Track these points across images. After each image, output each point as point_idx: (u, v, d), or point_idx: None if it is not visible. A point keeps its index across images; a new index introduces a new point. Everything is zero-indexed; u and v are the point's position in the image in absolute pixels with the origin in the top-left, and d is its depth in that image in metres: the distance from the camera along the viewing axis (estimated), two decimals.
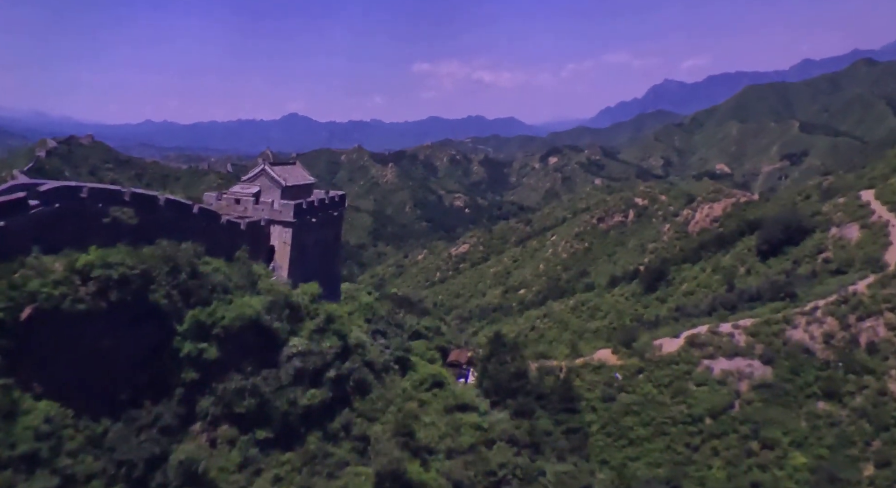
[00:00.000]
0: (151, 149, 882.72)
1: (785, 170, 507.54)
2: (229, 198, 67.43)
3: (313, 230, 69.36)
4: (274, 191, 68.63)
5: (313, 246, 69.89)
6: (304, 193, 73.71)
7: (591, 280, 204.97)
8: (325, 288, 63.70)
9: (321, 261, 72.10)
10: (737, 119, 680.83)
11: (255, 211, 65.49)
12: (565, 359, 77.63)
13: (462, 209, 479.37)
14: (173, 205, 52.05)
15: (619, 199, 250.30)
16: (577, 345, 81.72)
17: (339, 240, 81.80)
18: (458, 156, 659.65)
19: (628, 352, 77.36)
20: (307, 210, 67.51)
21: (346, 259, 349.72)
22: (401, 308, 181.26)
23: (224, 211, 64.51)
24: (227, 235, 57.47)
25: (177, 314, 46.81)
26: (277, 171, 70.12)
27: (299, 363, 50.35)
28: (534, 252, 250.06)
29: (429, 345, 70.44)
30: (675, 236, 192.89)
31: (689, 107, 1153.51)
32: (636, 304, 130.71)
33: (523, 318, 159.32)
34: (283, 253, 64.73)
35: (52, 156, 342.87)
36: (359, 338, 56.58)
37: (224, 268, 52.42)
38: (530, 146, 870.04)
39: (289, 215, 64.27)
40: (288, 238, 64.54)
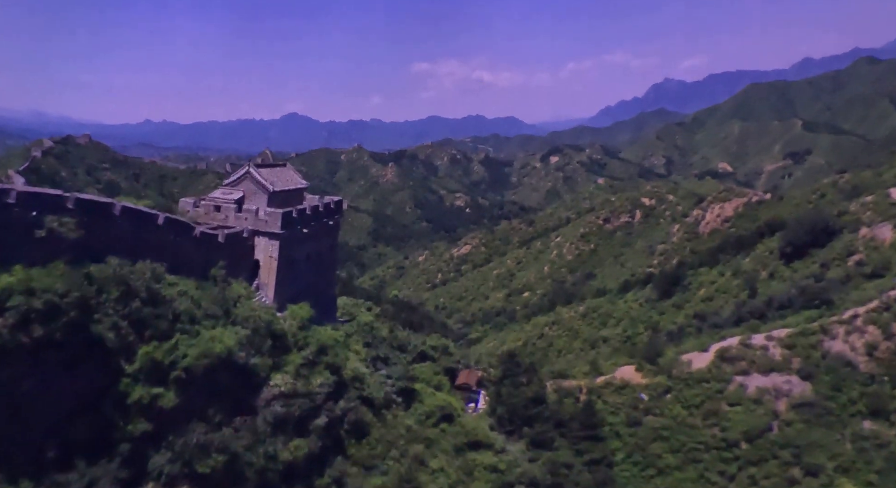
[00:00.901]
0: (150, 149, 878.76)
1: (788, 168, 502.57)
2: (208, 204, 59.75)
3: (305, 242, 62.10)
4: (260, 196, 61.11)
5: (305, 260, 62.74)
6: (295, 199, 66.50)
7: (597, 283, 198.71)
8: (318, 308, 56.95)
9: (314, 277, 64.77)
10: (738, 118, 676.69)
11: (237, 220, 58.23)
12: (585, 379, 70.45)
13: (463, 209, 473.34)
14: (131, 215, 42.58)
15: (624, 199, 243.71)
16: (597, 361, 73.93)
17: (336, 252, 74.15)
18: (459, 156, 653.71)
19: (653, 368, 70.15)
20: (298, 219, 60.05)
21: (346, 260, 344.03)
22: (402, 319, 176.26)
23: (202, 219, 57.58)
24: (201, 250, 49.20)
25: (126, 351, 37.36)
26: (264, 174, 62.53)
27: (281, 408, 42.40)
28: (538, 253, 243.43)
29: (435, 367, 63.05)
30: (685, 237, 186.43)
31: (690, 106, 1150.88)
32: (650, 311, 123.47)
33: (530, 325, 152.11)
34: (269, 269, 57.28)
35: (47, 157, 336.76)
36: (356, 369, 49.07)
37: (193, 292, 43.46)
38: (531, 145, 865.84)
39: (276, 225, 56.76)
40: (275, 252, 57.17)
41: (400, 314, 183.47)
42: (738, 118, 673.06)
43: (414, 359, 62.49)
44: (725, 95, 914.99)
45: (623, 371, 71.68)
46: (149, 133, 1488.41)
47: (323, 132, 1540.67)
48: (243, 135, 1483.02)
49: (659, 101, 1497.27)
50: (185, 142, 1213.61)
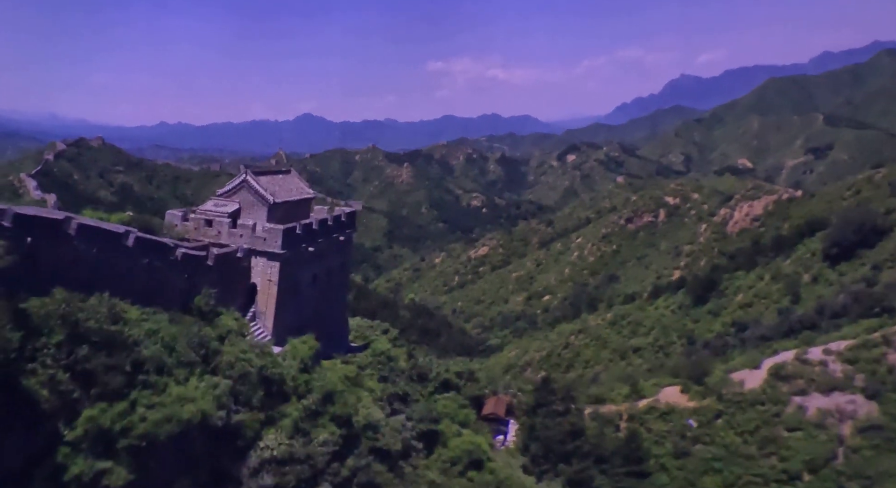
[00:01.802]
0: (165, 151, 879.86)
1: (810, 164, 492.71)
2: (198, 218, 52.39)
3: (311, 262, 54.80)
4: (258, 209, 53.69)
5: (311, 283, 55.43)
6: (300, 211, 59.04)
7: (621, 286, 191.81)
8: (326, 337, 50.27)
9: (321, 302, 57.32)
10: (758, 113, 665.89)
11: (231, 236, 50.82)
12: (625, 403, 63.41)
13: (479, 209, 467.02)
14: (91, 235, 33.40)
15: (647, 198, 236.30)
16: (637, 382, 66.47)
17: (348, 271, 66.60)
18: (475, 155, 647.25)
19: (701, 389, 62.97)
20: (303, 235, 52.59)
21: (362, 262, 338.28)
22: (420, 326, 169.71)
23: (192, 235, 50.77)
24: (183, 275, 41.14)
25: (67, 412, 28.31)
26: (263, 183, 54.79)
27: (273, 478, 33.71)
28: (558, 255, 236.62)
29: (460, 398, 56.11)
30: (712, 237, 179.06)
31: (707, 102, 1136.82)
32: (684, 318, 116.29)
33: (555, 333, 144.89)
34: (268, 295, 49.93)
35: (60, 160, 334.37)
36: (369, 416, 40.67)
37: (165, 331, 34.21)
38: (546, 144, 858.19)
39: (276, 244, 49.39)
40: (275, 274, 49.74)
41: (417, 320, 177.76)
42: (758, 113, 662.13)
43: (436, 389, 55.59)
44: (742, 91, 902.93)
45: (667, 393, 64.29)
46: (164, 135, 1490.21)
47: (337, 132, 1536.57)
48: (258, 137, 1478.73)
49: (675, 97, 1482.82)
50: (200, 143, 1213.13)
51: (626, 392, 65.66)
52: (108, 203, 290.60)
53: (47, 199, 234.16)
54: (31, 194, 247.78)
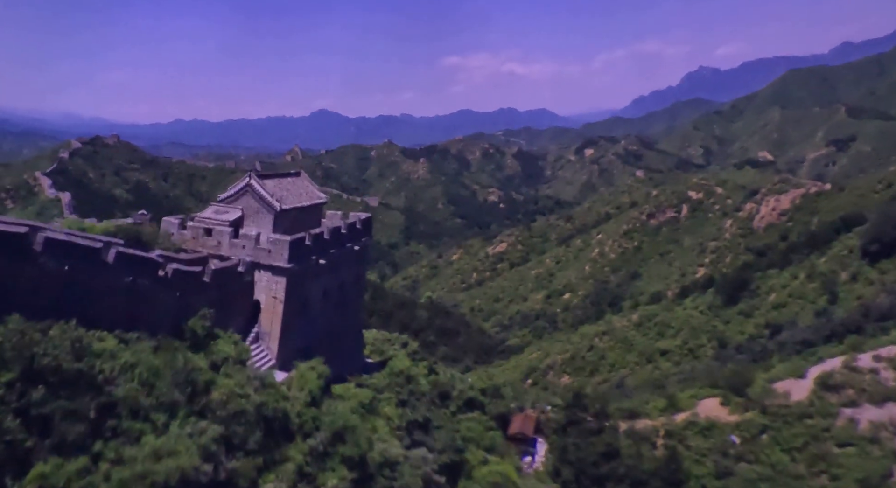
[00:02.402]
0: (181, 148, 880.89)
1: (832, 156, 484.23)
2: (196, 227, 47.44)
3: (322, 275, 49.99)
4: (263, 216, 48.69)
5: (322, 298, 50.63)
6: (311, 218, 54.24)
7: (643, 283, 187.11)
8: (339, 356, 46.43)
9: (334, 319, 52.49)
10: (778, 105, 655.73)
11: (232, 247, 46.13)
12: (661, 417, 58.72)
13: (497, 204, 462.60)
14: (61, 250, 27.82)
15: (669, 193, 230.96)
16: (674, 395, 61.55)
17: (363, 283, 61.51)
18: (491, 150, 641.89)
19: (742, 401, 58.24)
20: (313, 246, 47.90)
21: (378, 260, 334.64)
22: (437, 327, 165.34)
23: (189, 245, 46.19)
24: (174, 294, 36.11)
25: (15, 466, 22.21)
26: (269, 187, 49.75)
27: None
28: (578, 252, 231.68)
29: (485, 419, 51.53)
30: (738, 233, 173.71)
31: (726, 94, 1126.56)
32: (714, 320, 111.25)
33: (578, 335, 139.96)
34: (273, 313, 45.10)
35: (75, 158, 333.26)
36: (385, 452, 34.92)
37: (146, 363, 28.18)
38: (564, 138, 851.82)
39: (282, 257, 44.72)
40: (280, 291, 45.01)
41: (435, 320, 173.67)
42: (778, 105, 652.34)
43: (459, 408, 51.18)
44: (762, 83, 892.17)
45: (706, 406, 59.44)
46: (180, 132, 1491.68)
47: (352, 128, 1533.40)
48: (273, 133, 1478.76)
49: (693, 89, 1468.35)
50: (215, 140, 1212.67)
51: (662, 405, 60.85)
52: (123, 201, 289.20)
53: (62, 198, 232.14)
54: (46, 193, 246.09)
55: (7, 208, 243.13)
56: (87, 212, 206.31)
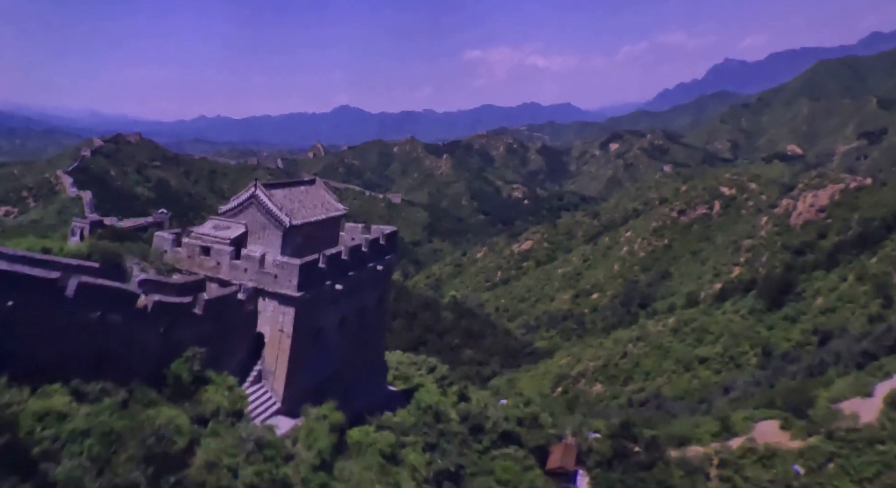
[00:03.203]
0: (204, 145, 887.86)
1: (863, 149, 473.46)
2: (192, 244, 41.55)
3: (339, 302, 43.41)
4: (270, 233, 42.50)
5: (338, 328, 44.21)
6: (326, 234, 47.88)
7: (674, 283, 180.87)
8: (357, 393, 41.33)
9: (351, 350, 46.12)
10: (807, 97, 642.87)
11: (232, 270, 39.94)
12: (714, 442, 52.87)
13: (521, 200, 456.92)
14: (6, 282, 22.29)
15: (701, 189, 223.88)
16: (728, 419, 55.31)
17: (386, 306, 53.97)
18: (515, 145, 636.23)
19: (803, 424, 52.23)
20: (328, 270, 41.27)
21: (401, 258, 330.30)
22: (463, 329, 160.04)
23: (184, 265, 40.63)
24: (157, 329, 30.56)
25: None
26: (278, 199, 43.37)
27: None
28: (606, 250, 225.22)
29: (523, 454, 45.79)
30: (774, 231, 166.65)
31: (752, 86, 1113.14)
32: (756, 325, 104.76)
33: (610, 340, 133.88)
34: (279, 349, 38.88)
35: (97, 156, 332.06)
36: None
37: (100, 430, 21.88)
38: (588, 132, 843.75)
39: (291, 283, 38.33)
40: (288, 323, 38.68)
41: (460, 322, 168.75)
42: (807, 97, 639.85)
43: (493, 443, 45.83)
44: (789, 74, 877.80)
45: (763, 429, 53.18)
46: (203, 128, 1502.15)
47: (375, 124, 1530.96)
48: (296, 129, 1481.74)
49: (719, 82, 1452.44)
50: (238, 136, 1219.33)
51: (715, 428, 54.75)
52: (144, 199, 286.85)
53: (83, 196, 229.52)
54: (67, 191, 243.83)
55: (29, 207, 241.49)
56: (109, 211, 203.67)
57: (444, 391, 52.72)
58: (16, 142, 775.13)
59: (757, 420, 55.26)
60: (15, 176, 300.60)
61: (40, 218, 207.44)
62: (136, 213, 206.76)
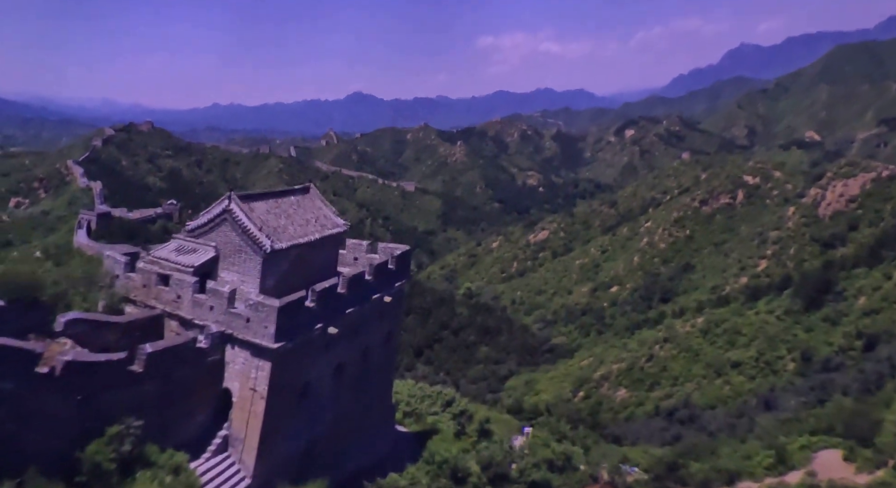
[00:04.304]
0: (218, 133, 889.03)
1: (884, 136, 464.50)
2: (148, 270, 33.72)
3: (335, 347, 35.26)
4: (247, 259, 34.07)
5: (332, 378, 36.18)
6: (321, 257, 39.43)
7: (696, 276, 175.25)
8: (356, 447, 35.23)
9: (350, 400, 38.29)
10: (825, 82, 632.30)
11: (195, 307, 31.94)
12: (770, 476, 47.00)
13: (536, 188, 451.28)
14: None
15: (723, 177, 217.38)
16: (782, 447, 49.23)
17: (396, 341, 45.48)
18: (530, 132, 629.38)
19: (868, 453, 46.29)
20: (319, 309, 32.96)
21: (415, 248, 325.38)
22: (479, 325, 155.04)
23: (138, 296, 33.12)
24: (73, 398, 23.74)
25: None
26: (258, 215, 35.09)
27: None
28: (625, 240, 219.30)
29: None
30: (802, 222, 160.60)
31: (768, 71, 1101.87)
32: (793, 327, 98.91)
33: (635, 341, 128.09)
34: (251, 413, 30.68)
35: (108, 145, 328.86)
36: None
37: None
38: (603, 119, 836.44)
39: (267, 331, 29.99)
40: (262, 382, 30.34)
41: (476, 317, 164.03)
42: (825, 82, 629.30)
43: None
44: (806, 59, 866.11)
45: (824, 460, 46.84)
46: (216, 116, 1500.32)
47: (388, 111, 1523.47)
48: (309, 116, 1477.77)
49: (735, 67, 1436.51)
50: (252, 124, 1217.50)
51: (769, 460, 48.65)
52: (156, 189, 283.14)
53: (93, 187, 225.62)
54: (78, 182, 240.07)
55: (40, 198, 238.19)
56: (119, 202, 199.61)
57: (462, 428, 47.07)
58: (30, 132, 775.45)
59: (816, 449, 48.92)
60: (27, 166, 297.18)
61: (50, 209, 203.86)
62: (147, 204, 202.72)
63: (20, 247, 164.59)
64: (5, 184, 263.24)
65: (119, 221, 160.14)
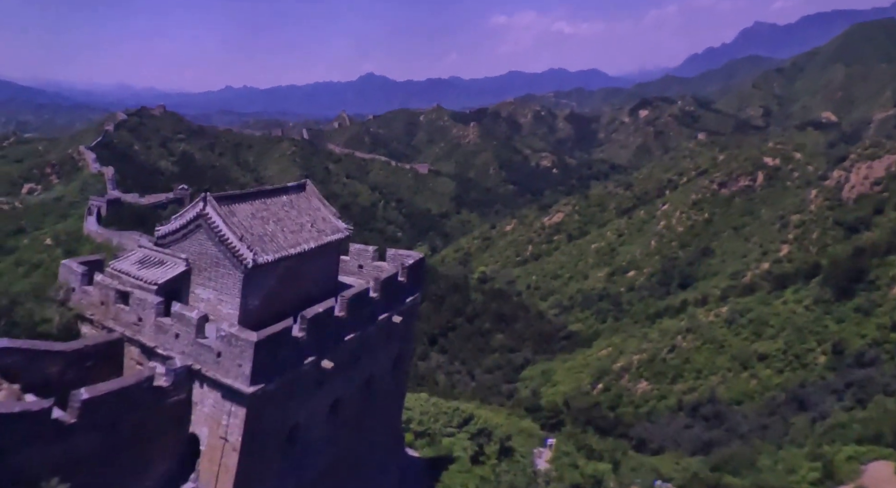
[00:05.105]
0: (231, 116, 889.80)
1: None
2: (107, 284, 28.61)
3: (330, 382, 29.63)
4: (224, 274, 28.61)
5: (327, 418, 30.60)
6: (318, 269, 33.65)
7: (715, 261, 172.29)
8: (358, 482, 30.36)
9: (351, 438, 32.65)
10: (842, 62, 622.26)
11: (158, 333, 26.71)
12: None
13: (550, 169, 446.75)
14: None
15: (742, 159, 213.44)
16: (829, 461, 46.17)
17: (406, 365, 39.90)
18: (543, 113, 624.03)
19: None
20: (312, 339, 27.35)
21: (428, 230, 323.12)
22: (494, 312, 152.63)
23: (95, 313, 28.18)
24: None
25: None
26: (242, 219, 29.84)
27: None
28: (642, 224, 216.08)
29: None
30: (825, 205, 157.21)
31: (784, 50, 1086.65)
32: (824, 318, 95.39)
33: (655, 331, 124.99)
34: (221, 465, 25.13)
35: (120, 130, 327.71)
36: None
37: None
38: (616, 99, 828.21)
39: (241, 369, 24.46)
40: (236, 429, 24.89)
41: (491, 304, 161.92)
42: (842, 62, 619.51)
43: None
44: (821, 38, 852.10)
45: (875, 474, 43.31)
46: (230, 99, 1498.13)
47: (400, 92, 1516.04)
48: (321, 99, 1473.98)
49: (749, 46, 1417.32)
50: (265, 107, 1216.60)
51: (815, 474, 45.54)
52: (168, 174, 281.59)
53: (105, 172, 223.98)
54: (90, 167, 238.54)
55: (53, 184, 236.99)
56: (131, 187, 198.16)
57: (480, 449, 43.31)
58: (44, 117, 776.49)
59: (865, 460, 46.11)
60: (39, 152, 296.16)
61: (62, 195, 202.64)
62: (159, 189, 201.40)
63: (32, 234, 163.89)
64: (18, 170, 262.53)
65: (130, 207, 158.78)
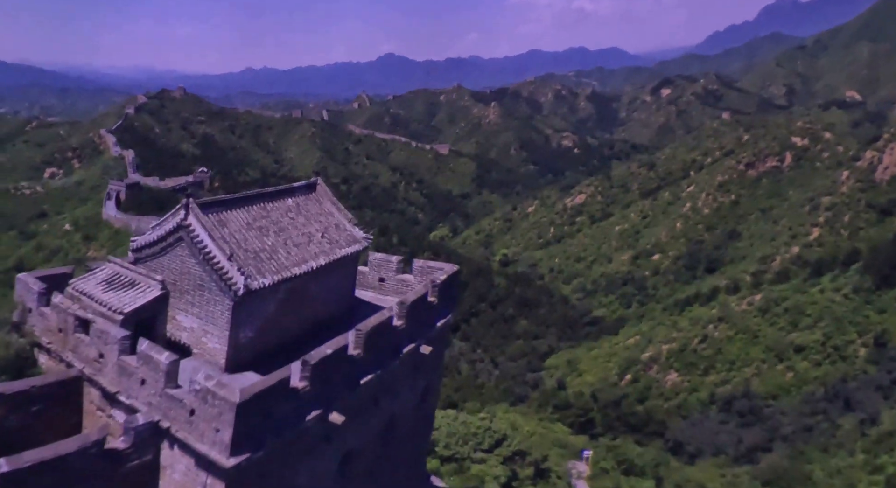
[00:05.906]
0: (252, 97, 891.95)
1: None
2: (65, 307, 21.93)
3: (339, 436, 22.23)
4: (211, 302, 22.48)
5: (331, 479, 22.80)
6: (330, 289, 27.20)
7: (743, 244, 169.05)
8: None
9: None
10: (867, 39, 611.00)
11: (121, 375, 20.04)
12: None
13: (571, 149, 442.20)
14: None
15: (770, 139, 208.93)
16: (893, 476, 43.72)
17: (433, 401, 32.99)
18: (564, 92, 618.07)
19: None
20: (317, 388, 20.23)
21: (449, 211, 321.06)
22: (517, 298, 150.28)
23: (52, 340, 22.02)
24: None
25: None
26: (235, 230, 23.52)
27: None
28: (666, 205, 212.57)
29: None
30: (857, 187, 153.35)
31: (806, 28, 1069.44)
32: (864, 307, 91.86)
33: (685, 319, 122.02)
34: None
35: (141, 113, 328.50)
36: None
37: None
38: (637, 78, 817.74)
39: (218, 436, 17.60)
40: None
41: (514, 289, 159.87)
42: (867, 40, 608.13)
43: None
44: (845, 15, 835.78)
45: None
46: (250, 80, 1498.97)
47: (420, 72, 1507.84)
48: (341, 79, 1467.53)
49: (771, 23, 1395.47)
50: (285, 88, 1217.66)
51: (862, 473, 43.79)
52: (189, 156, 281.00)
53: (125, 156, 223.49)
54: (111, 151, 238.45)
55: (74, 168, 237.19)
56: (152, 170, 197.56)
57: (514, 474, 40.21)
58: (67, 101, 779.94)
59: None
60: (61, 136, 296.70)
61: (83, 179, 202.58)
62: (180, 172, 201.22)
63: (52, 219, 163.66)
64: (40, 154, 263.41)
65: (149, 191, 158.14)
